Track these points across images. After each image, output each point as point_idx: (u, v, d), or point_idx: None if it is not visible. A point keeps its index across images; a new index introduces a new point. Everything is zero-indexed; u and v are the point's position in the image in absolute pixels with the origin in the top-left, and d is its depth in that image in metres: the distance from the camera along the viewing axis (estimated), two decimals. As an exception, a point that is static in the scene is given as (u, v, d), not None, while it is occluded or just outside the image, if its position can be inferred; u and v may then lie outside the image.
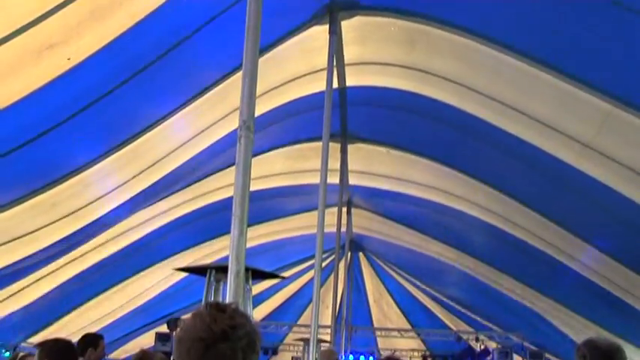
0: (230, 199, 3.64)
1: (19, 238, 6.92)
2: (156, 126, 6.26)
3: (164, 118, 6.22)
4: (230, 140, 6.79)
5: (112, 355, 12.58)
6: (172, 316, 12.44)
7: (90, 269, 9.35)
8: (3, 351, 9.47)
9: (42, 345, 3.98)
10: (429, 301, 16.29)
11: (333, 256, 11.75)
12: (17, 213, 6.31)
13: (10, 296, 8.63)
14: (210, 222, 9.88)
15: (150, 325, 12.90)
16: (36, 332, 10.12)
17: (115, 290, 10.73)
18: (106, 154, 6.23)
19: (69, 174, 6.23)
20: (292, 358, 16.21)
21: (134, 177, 7.11)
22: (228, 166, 8.15)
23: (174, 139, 6.97)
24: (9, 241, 6.93)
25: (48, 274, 8.72)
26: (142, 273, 10.76)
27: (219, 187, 9.07)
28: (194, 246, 10.87)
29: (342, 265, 12.12)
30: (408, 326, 16.86)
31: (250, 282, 4.50)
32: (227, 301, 3.74)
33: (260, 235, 11.16)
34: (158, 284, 11.54)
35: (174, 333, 11.90)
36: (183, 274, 10.42)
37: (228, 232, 3.61)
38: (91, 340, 4.77)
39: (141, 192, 7.54)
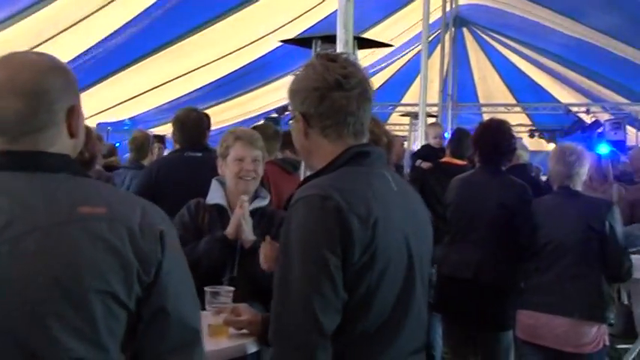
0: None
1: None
2: None
3: None
4: None
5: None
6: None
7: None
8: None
9: (176, 116, 4.15)
10: (537, 73, 15.74)
11: (438, 31, 11.32)
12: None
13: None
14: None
15: (260, 115, 13.31)
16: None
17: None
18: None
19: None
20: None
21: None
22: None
23: None
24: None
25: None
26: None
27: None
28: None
29: (447, 40, 11.71)
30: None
31: (356, 52, 4.35)
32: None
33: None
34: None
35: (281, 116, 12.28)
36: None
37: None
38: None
39: None
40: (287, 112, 12.60)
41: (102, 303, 1.25)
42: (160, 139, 7.18)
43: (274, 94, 12.02)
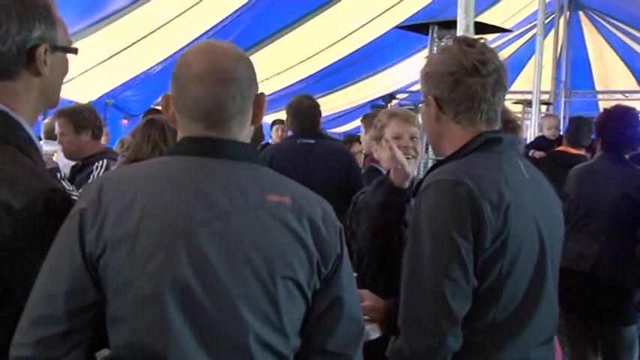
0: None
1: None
2: None
3: None
4: None
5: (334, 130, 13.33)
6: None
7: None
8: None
9: (289, 103, 4.25)
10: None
11: (553, 15, 10.87)
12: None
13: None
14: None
15: (366, 105, 13.27)
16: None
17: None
18: None
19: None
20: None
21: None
22: None
23: None
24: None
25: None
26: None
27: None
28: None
29: (562, 24, 11.22)
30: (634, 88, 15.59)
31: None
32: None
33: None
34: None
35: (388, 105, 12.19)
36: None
37: None
38: None
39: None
40: (394, 100, 12.53)
41: (286, 289, 1.28)
42: (282, 122, 7.37)
43: (381, 83, 11.94)
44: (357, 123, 13.37)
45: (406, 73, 11.58)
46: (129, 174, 1.39)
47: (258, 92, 1.41)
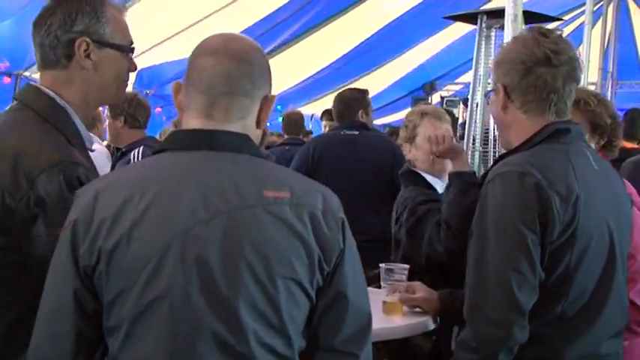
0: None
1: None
2: None
3: None
4: None
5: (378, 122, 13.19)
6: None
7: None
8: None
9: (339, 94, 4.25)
10: None
11: (601, 3, 10.57)
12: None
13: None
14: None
15: (406, 96, 13.13)
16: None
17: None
18: None
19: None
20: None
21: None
22: None
23: None
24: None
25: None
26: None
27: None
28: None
29: (610, 12, 10.92)
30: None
31: (523, 27, 4.15)
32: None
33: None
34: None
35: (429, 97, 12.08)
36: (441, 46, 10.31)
37: None
38: None
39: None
40: (433, 91, 12.37)
41: (287, 290, 1.24)
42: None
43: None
44: (400, 115, 13.28)
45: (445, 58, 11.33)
46: (121, 177, 1.38)
47: (268, 94, 1.37)
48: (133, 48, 1.66)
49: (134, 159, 3.57)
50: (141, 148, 3.60)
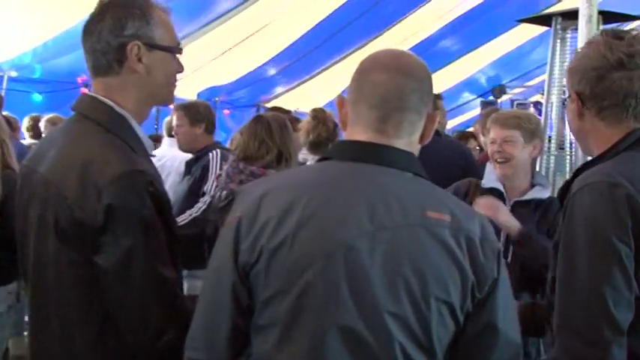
0: None
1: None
2: None
3: None
4: None
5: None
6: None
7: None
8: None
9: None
10: None
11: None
12: None
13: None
14: None
15: (476, 98, 12.89)
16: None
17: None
18: None
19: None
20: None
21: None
22: None
23: None
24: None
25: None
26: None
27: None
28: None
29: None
30: None
31: (600, 28, 4.03)
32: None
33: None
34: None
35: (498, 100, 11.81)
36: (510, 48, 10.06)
37: None
38: None
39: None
40: (504, 95, 12.06)
41: (438, 311, 1.25)
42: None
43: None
44: (462, 118, 13.03)
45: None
46: (288, 180, 1.41)
47: (432, 111, 1.40)
48: (181, 49, 1.66)
49: (214, 160, 3.73)
50: (218, 150, 3.79)
